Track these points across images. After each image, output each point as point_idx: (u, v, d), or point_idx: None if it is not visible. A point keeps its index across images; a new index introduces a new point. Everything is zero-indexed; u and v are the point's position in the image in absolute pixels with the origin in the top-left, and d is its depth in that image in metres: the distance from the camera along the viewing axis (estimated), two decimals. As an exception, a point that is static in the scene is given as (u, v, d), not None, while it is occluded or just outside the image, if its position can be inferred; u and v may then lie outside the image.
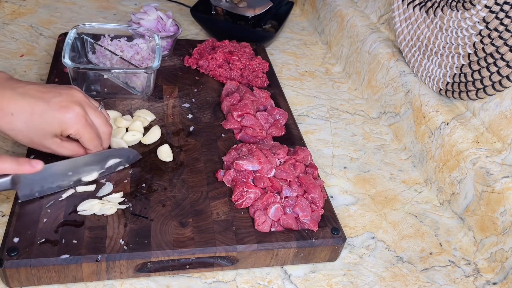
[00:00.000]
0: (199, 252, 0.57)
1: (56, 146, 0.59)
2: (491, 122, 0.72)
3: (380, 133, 0.90)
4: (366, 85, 0.98)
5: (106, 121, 0.63)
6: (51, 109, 0.57)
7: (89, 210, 0.58)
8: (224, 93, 0.83)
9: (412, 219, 0.73)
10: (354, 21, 1.04)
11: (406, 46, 0.88)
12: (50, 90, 0.58)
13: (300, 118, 0.90)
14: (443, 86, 0.79)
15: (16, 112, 0.55)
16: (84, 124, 0.59)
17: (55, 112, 0.57)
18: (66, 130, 0.58)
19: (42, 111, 0.56)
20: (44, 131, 0.57)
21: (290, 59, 1.09)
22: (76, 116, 0.58)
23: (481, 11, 0.69)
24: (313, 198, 0.65)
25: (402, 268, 0.65)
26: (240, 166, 0.66)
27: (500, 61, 0.67)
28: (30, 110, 0.56)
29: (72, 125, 0.58)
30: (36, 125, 0.56)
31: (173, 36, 0.91)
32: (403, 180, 0.80)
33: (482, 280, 0.66)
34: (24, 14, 1.05)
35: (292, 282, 0.61)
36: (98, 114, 0.62)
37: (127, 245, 0.55)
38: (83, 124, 0.59)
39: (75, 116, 0.58)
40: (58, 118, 0.57)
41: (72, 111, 0.58)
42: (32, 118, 0.56)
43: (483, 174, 0.68)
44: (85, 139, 0.60)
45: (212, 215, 0.62)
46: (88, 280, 0.56)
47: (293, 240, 0.60)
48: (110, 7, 1.15)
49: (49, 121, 0.57)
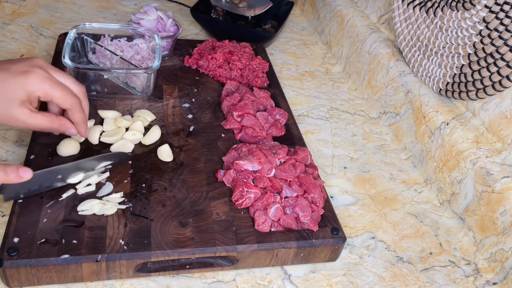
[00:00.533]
0: (199, 252, 0.57)
1: (26, 117, 0.56)
2: (491, 122, 0.72)
3: (380, 133, 0.90)
4: (366, 85, 0.98)
5: (75, 80, 0.60)
6: (12, 75, 0.55)
7: (89, 210, 0.58)
8: (224, 93, 0.84)
9: (412, 219, 0.73)
10: (354, 21, 1.04)
11: (406, 46, 0.88)
12: (9, 61, 0.57)
13: (300, 118, 0.90)
14: (443, 86, 0.79)
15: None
16: (51, 84, 0.56)
17: (16, 77, 0.55)
18: (32, 94, 0.56)
19: (3, 79, 0.54)
20: (9, 99, 0.55)
21: (290, 59, 1.09)
22: (39, 76, 0.56)
23: (481, 11, 0.69)
24: (313, 198, 0.65)
25: (402, 268, 0.65)
26: (240, 166, 0.66)
27: (500, 61, 0.67)
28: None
29: (37, 86, 0.55)
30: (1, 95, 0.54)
31: (173, 36, 0.91)
32: (403, 180, 0.80)
33: (482, 280, 0.66)
34: (24, 14, 1.05)
35: (292, 282, 0.61)
36: (64, 74, 0.59)
37: (127, 245, 0.55)
38: (49, 84, 0.56)
39: (37, 77, 0.55)
40: (20, 82, 0.55)
41: (33, 73, 0.55)
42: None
43: (483, 174, 0.68)
44: (57, 98, 0.57)
45: (212, 215, 0.62)
46: (88, 280, 0.56)
47: (293, 240, 0.60)
48: (110, 7, 1.15)
49: (11, 87, 0.55)
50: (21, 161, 0.67)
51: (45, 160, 0.64)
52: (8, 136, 0.72)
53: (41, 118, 0.57)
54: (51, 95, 0.57)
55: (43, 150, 0.66)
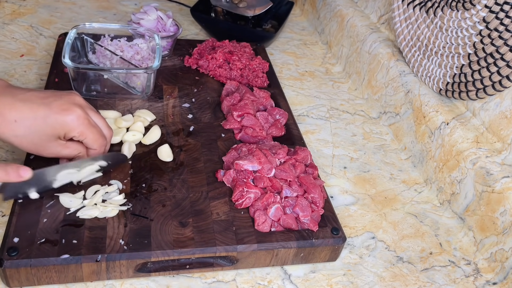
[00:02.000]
0: (199, 252, 0.57)
1: (61, 148, 0.59)
2: (491, 122, 0.72)
3: (380, 133, 0.90)
4: (366, 85, 0.98)
5: (107, 124, 0.63)
6: (53, 112, 0.57)
7: (91, 215, 0.58)
8: (224, 93, 0.83)
9: (412, 219, 0.73)
10: (354, 21, 1.04)
11: (406, 46, 0.88)
12: (50, 95, 0.59)
13: (300, 118, 0.90)
14: (443, 86, 0.79)
15: (19, 118, 0.55)
16: (87, 124, 0.59)
17: (57, 115, 0.57)
18: (70, 132, 0.58)
19: (44, 115, 0.56)
20: (48, 135, 0.57)
21: (290, 59, 1.09)
22: (78, 117, 0.58)
23: (481, 11, 0.69)
24: (313, 198, 0.65)
25: (402, 268, 0.65)
26: (240, 166, 0.66)
27: (500, 61, 0.67)
28: (33, 115, 0.56)
29: (76, 127, 0.58)
30: (40, 130, 0.57)
31: (173, 36, 0.91)
32: (403, 180, 0.80)
33: (482, 280, 0.66)
34: (24, 14, 1.05)
35: (292, 282, 0.61)
36: (99, 116, 0.62)
37: (127, 245, 0.55)
38: (86, 125, 0.59)
39: (77, 118, 0.58)
40: (60, 121, 0.57)
41: (74, 112, 0.58)
42: (35, 123, 0.56)
43: (483, 174, 0.68)
44: (89, 139, 0.60)
45: (212, 215, 0.62)
46: (88, 280, 0.56)
47: (293, 240, 0.60)
48: (110, 7, 1.15)
49: (52, 125, 0.57)
50: (21, 161, 0.67)
51: (45, 161, 0.64)
52: (8, 136, 0.72)
53: (72, 147, 0.61)
54: (85, 135, 0.59)
55: (43, 150, 0.66)
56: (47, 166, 0.59)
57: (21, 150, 0.70)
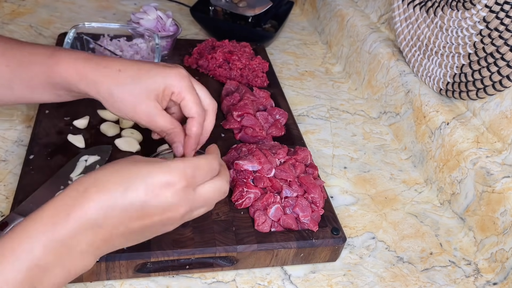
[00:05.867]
0: (199, 252, 0.57)
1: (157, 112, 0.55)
2: (491, 122, 0.72)
3: (380, 133, 0.90)
4: (366, 85, 0.97)
5: (209, 94, 0.60)
6: (157, 67, 0.56)
7: None
8: (224, 93, 0.83)
9: (412, 219, 0.73)
10: (354, 21, 1.04)
11: (406, 46, 0.88)
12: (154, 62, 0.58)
13: (300, 118, 0.90)
14: (444, 86, 0.79)
15: (123, 68, 0.54)
16: (189, 85, 0.56)
17: (160, 69, 0.55)
18: (170, 87, 0.55)
19: (149, 68, 0.55)
20: (148, 89, 0.54)
21: (290, 59, 1.08)
22: (181, 73, 0.56)
23: (482, 11, 0.69)
24: (313, 198, 0.64)
25: (402, 268, 0.65)
26: (240, 166, 0.66)
27: (500, 61, 0.67)
28: (137, 66, 0.55)
29: (177, 82, 0.55)
30: (142, 81, 0.55)
31: (172, 36, 0.91)
32: (403, 180, 0.80)
33: (483, 280, 0.65)
34: (24, 14, 1.05)
35: (292, 283, 0.61)
36: (202, 87, 0.59)
37: (127, 245, 0.55)
38: (187, 84, 0.56)
39: (180, 74, 0.55)
40: (163, 74, 0.55)
41: (177, 69, 0.56)
42: (138, 73, 0.55)
43: (484, 174, 0.68)
44: (188, 100, 0.55)
45: (212, 215, 0.62)
46: (87, 281, 0.55)
47: (293, 240, 0.60)
48: (110, 7, 1.15)
49: (154, 77, 0.55)
50: (20, 161, 0.67)
51: (45, 160, 0.64)
52: (7, 136, 0.72)
53: (167, 118, 0.56)
54: (184, 95, 0.55)
55: (42, 150, 0.66)
56: (46, 165, 0.59)
57: (21, 150, 0.70)
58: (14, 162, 0.68)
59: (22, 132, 0.73)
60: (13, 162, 0.68)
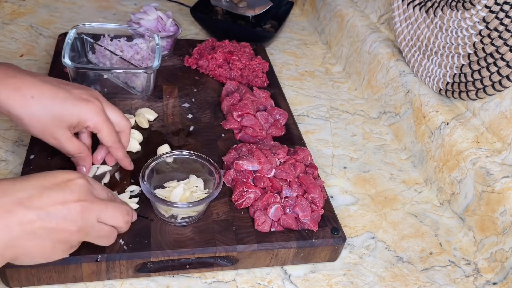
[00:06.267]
0: (199, 252, 0.57)
1: (65, 139, 0.58)
2: (491, 122, 0.72)
3: (380, 133, 0.90)
4: (366, 85, 0.98)
5: (124, 116, 0.63)
6: (72, 98, 0.57)
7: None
8: (224, 93, 0.83)
9: (412, 219, 0.73)
10: (354, 21, 1.04)
11: (406, 46, 0.88)
12: (69, 83, 0.59)
13: (300, 118, 0.90)
14: (443, 86, 0.79)
15: (37, 95, 0.55)
16: (104, 118, 0.59)
17: (76, 102, 0.57)
18: (85, 122, 0.58)
19: (64, 98, 0.56)
20: (61, 119, 0.57)
21: (290, 59, 1.09)
22: (96, 108, 0.58)
23: (481, 11, 0.69)
24: (313, 198, 0.65)
25: (402, 268, 0.65)
26: (240, 166, 0.66)
27: (500, 61, 0.67)
28: (52, 95, 0.56)
29: (92, 117, 0.58)
30: (55, 111, 0.56)
31: (173, 36, 0.91)
32: (403, 180, 0.80)
33: (482, 280, 0.66)
34: (24, 14, 1.05)
35: (292, 282, 0.61)
36: (115, 109, 0.62)
37: (127, 245, 0.55)
38: (102, 118, 0.59)
39: (95, 109, 0.58)
40: (78, 108, 0.57)
41: (92, 103, 0.58)
42: (53, 103, 0.55)
43: (483, 174, 0.68)
44: (104, 133, 0.60)
45: (212, 215, 0.62)
46: (88, 280, 0.56)
47: (293, 240, 0.60)
48: (110, 7, 1.15)
49: (69, 110, 0.56)
50: (20, 161, 0.67)
51: (45, 160, 0.64)
52: (8, 136, 0.72)
53: (76, 144, 0.60)
54: (99, 128, 0.59)
55: (43, 150, 0.66)
56: (47, 165, 0.59)
57: (20, 150, 0.70)
58: (15, 162, 0.68)
59: (23, 132, 0.73)
60: (14, 162, 0.68)
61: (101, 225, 0.49)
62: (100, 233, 0.50)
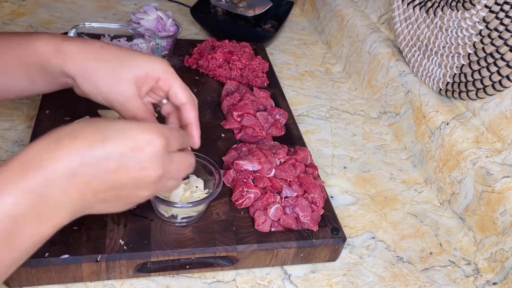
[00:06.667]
0: (199, 252, 0.57)
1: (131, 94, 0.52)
2: (491, 122, 0.72)
3: (380, 133, 0.90)
4: (366, 85, 0.98)
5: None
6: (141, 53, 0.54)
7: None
8: (224, 93, 0.83)
9: (412, 219, 0.73)
10: (354, 21, 1.04)
11: (406, 46, 0.88)
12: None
13: (300, 118, 0.90)
14: (443, 86, 0.79)
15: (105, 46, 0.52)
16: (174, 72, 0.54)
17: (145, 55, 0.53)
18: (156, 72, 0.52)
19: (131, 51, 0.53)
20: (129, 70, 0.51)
21: (290, 59, 1.09)
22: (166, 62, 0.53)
23: (481, 11, 0.69)
24: (313, 198, 0.65)
25: (402, 268, 0.65)
26: (240, 166, 0.66)
27: (500, 61, 0.67)
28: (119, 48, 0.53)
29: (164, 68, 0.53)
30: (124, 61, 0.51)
31: (173, 36, 0.91)
32: (403, 180, 0.80)
33: (482, 280, 0.66)
34: (24, 14, 1.05)
35: (292, 282, 0.61)
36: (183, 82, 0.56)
37: (127, 245, 0.55)
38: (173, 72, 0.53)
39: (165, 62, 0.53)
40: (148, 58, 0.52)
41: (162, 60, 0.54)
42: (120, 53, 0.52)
43: (483, 174, 0.68)
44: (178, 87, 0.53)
45: (212, 215, 0.62)
46: (88, 280, 0.56)
47: (293, 240, 0.60)
48: (110, 7, 1.15)
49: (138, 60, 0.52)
50: (21, 161, 0.67)
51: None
52: (7, 136, 0.72)
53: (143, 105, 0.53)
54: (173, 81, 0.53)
55: (43, 150, 0.66)
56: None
57: (20, 150, 0.70)
58: (15, 162, 0.68)
59: (23, 132, 0.73)
60: (14, 162, 0.68)
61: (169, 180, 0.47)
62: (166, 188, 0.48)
